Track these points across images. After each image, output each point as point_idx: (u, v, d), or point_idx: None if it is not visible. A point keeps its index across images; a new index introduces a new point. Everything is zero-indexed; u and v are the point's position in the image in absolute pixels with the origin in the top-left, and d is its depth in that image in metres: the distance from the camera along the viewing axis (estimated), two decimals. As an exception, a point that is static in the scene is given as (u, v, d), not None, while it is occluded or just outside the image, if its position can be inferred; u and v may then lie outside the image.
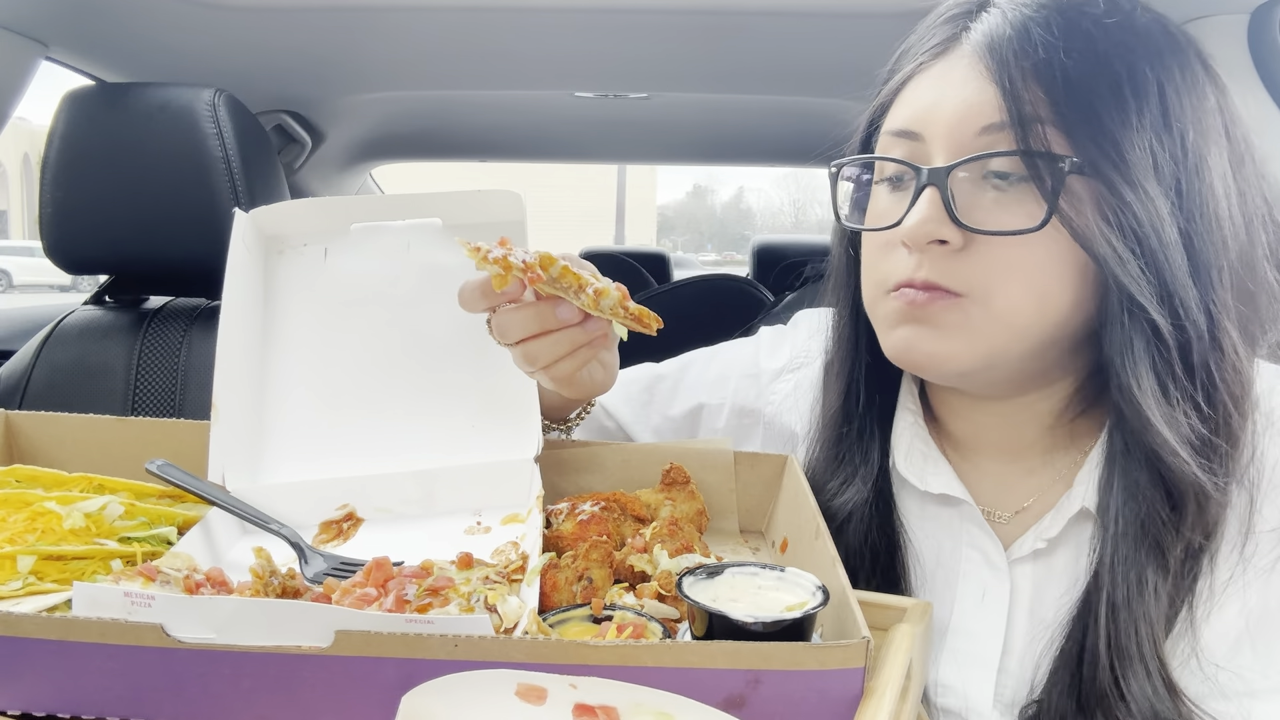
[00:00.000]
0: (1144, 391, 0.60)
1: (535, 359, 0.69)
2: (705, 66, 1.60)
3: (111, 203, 1.25)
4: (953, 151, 0.63)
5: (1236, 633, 0.62)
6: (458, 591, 0.55)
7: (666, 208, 48.07)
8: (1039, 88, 0.60)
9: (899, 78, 0.70)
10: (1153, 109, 0.60)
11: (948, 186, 0.62)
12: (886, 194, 0.69)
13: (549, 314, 0.67)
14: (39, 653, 0.47)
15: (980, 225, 0.62)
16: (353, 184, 2.55)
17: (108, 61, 1.51)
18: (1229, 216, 0.62)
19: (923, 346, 0.65)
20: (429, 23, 1.40)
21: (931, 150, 0.65)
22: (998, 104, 0.61)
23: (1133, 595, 0.61)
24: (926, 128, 0.65)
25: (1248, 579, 0.62)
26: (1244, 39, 1.22)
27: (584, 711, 0.43)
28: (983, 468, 0.75)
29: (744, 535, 0.77)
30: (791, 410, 0.86)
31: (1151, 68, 0.61)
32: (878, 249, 0.69)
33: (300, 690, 0.46)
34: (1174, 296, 0.59)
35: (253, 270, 0.81)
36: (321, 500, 0.76)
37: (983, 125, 0.62)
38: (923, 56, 0.68)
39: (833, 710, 0.46)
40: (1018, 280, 0.62)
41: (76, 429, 0.78)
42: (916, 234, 0.63)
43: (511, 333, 0.68)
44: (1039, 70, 0.61)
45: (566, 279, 0.64)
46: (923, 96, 0.67)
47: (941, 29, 0.68)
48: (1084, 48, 0.61)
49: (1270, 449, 0.63)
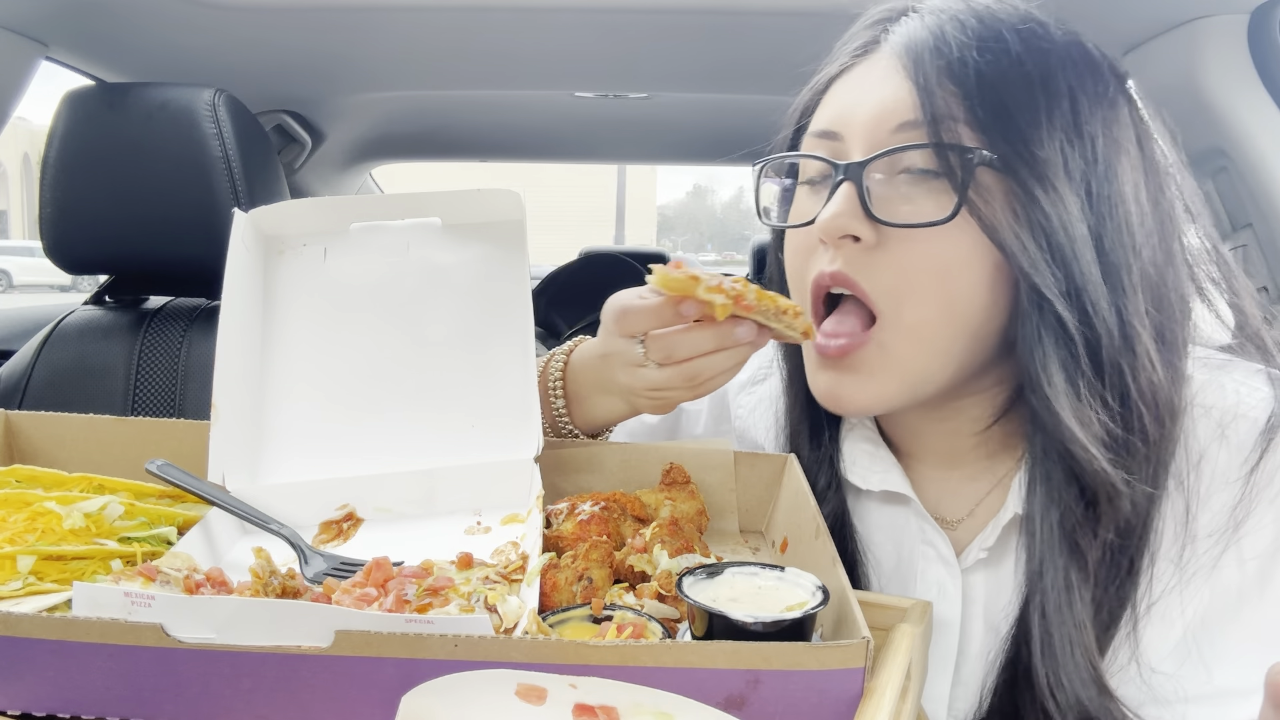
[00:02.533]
0: (1054, 388, 0.61)
1: (697, 377, 0.69)
2: (705, 66, 1.60)
3: (111, 203, 1.25)
4: (869, 148, 0.64)
5: (1176, 639, 0.62)
6: (458, 591, 0.55)
7: (666, 208, 48.06)
8: (953, 86, 0.62)
9: (821, 79, 0.72)
10: (1064, 112, 0.62)
11: (863, 182, 0.63)
12: (807, 194, 0.70)
13: (728, 333, 0.66)
14: (39, 653, 0.47)
15: (893, 219, 0.63)
16: (353, 184, 2.55)
17: (108, 61, 1.51)
18: (1140, 223, 0.63)
19: (845, 393, 0.67)
20: (429, 22, 1.40)
21: (850, 149, 0.66)
22: (913, 102, 0.62)
23: (1061, 599, 0.61)
24: (845, 127, 0.66)
25: (1187, 584, 0.62)
26: (1244, 39, 1.22)
27: (584, 711, 0.43)
28: (926, 474, 0.76)
29: (744, 535, 0.77)
30: (757, 425, 0.86)
31: (1064, 74, 0.62)
32: (799, 252, 0.70)
33: (300, 690, 0.46)
34: (1082, 294, 0.60)
35: (252, 270, 0.81)
36: (321, 500, 0.76)
37: (898, 123, 0.63)
38: (845, 59, 0.70)
39: (833, 710, 0.46)
40: (928, 279, 0.63)
41: (76, 429, 0.78)
42: (830, 227, 0.63)
43: (682, 352, 0.68)
44: (953, 69, 0.62)
45: (765, 302, 0.64)
46: (843, 97, 0.68)
47: (864, 33, 0.70)
48: (998, 49, 0.62)
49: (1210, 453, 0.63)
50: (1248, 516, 0.61)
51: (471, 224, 0.83)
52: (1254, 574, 0.61)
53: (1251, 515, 0.61)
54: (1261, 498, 0.61)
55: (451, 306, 0.82)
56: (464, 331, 0.81)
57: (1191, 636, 0.61)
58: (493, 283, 0.82)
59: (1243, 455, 0.62)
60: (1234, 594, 0.61)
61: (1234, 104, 1.22)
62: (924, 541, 0.73)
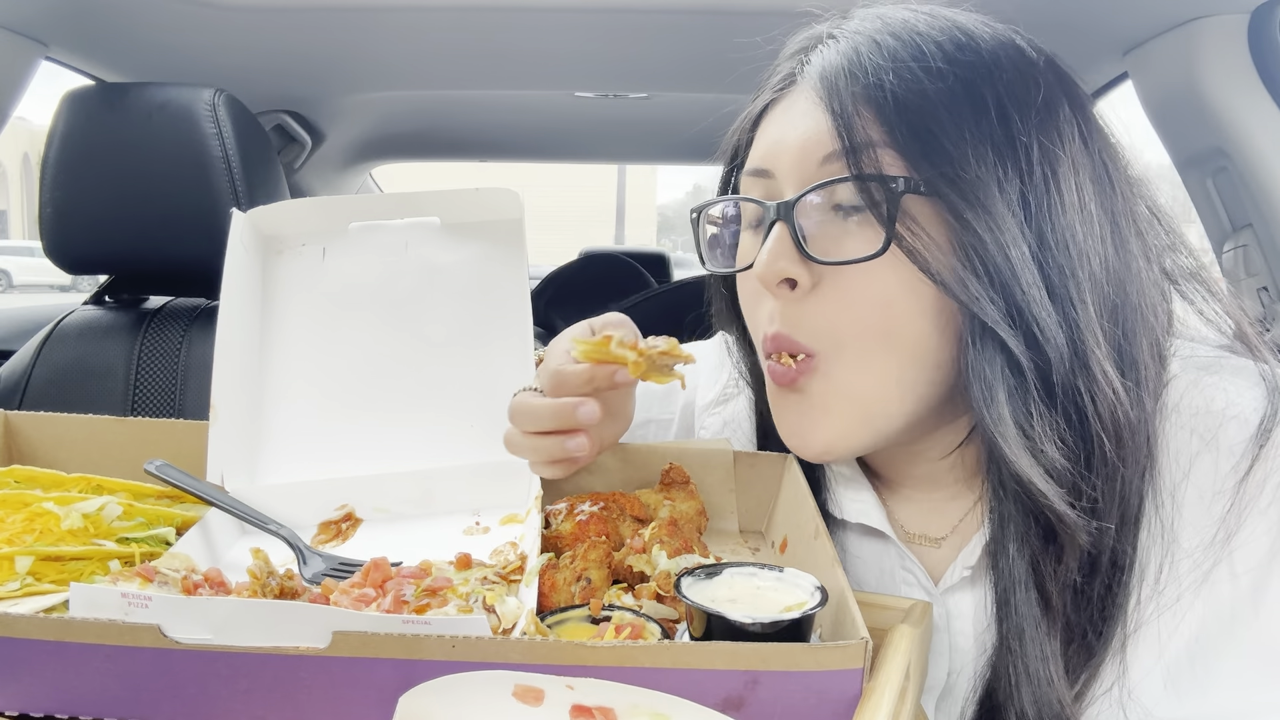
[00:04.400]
0: (1003, 421, 0.58)
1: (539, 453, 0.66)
2: (705, 66, 1.60)
3: (111, 203, 1.25)
4: (799, 185, 0.62)
5: (1170, 659, 0.59)
6: (456, 592, 0.55)
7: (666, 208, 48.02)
8: (869, 111, 0.59)
9: (750, 115, 0.70)
10: (992, 124, 0.58)
11: (794, 221, 0.61)
12: (750, 238, 0.68)
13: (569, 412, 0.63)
14: (36, 653, 0.47)
15: (825, 256, 0.60)
16: (353, 184, 2.55)
17: (108, 61, 1.51)
18: (1088, 231, 0.59)
19: (805, 433, 0.65)
20: (429, 23, 1.40)
21: (783, 186, 0.64)
22: (833, 132, 0.60)
23: (1027, 631, 0.59)
24: (775, 164, 0.65)
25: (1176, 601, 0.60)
26: (1244, 39, 1.22)
27: (581, 712, 0.43)
28: (908, 495, 0.74)
29: (743, 535, 0.77)
30: None
31: (991, 83, 0.59)
32: (750, 297, 0.68)
33: (298, 691, 0.46)
34: (1027, 318, 0.57)
35: (251, 270, 0.81)
36: (320, 500, 0.76)
37: (822, 155, 0.61)
38: (770, 94, 0.68)
39: (832, 711, 0.46)
40: (868, 314, 0.60)
41: (76, 429, 0.78)
42: (767, 274, 0.61)
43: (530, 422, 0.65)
44: (869, 94, 0.59)
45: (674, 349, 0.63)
46: (771, 133, 0.66)
47: (786, 64, 0.68)
48: (916, 67, 0.59)
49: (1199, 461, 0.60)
50: (1239, 528, 0.59)
51: (470, 223, 0.83)
52: (1247, 588, 0.58)
53: (1243, 526, 0.59)
54: (1253, 508, 0.58)
55: (450, 306, 0.82)
56: (463, 331, 0.81)
57: (1185, 656, 0.59)
58: (492, 282, 0.82)
59: (1232, 462, 0.59)
60: (1227, 610, 0.59)
61: (1234, 104, 1.22)
62: (904, 568, 0.71)
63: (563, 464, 0.65)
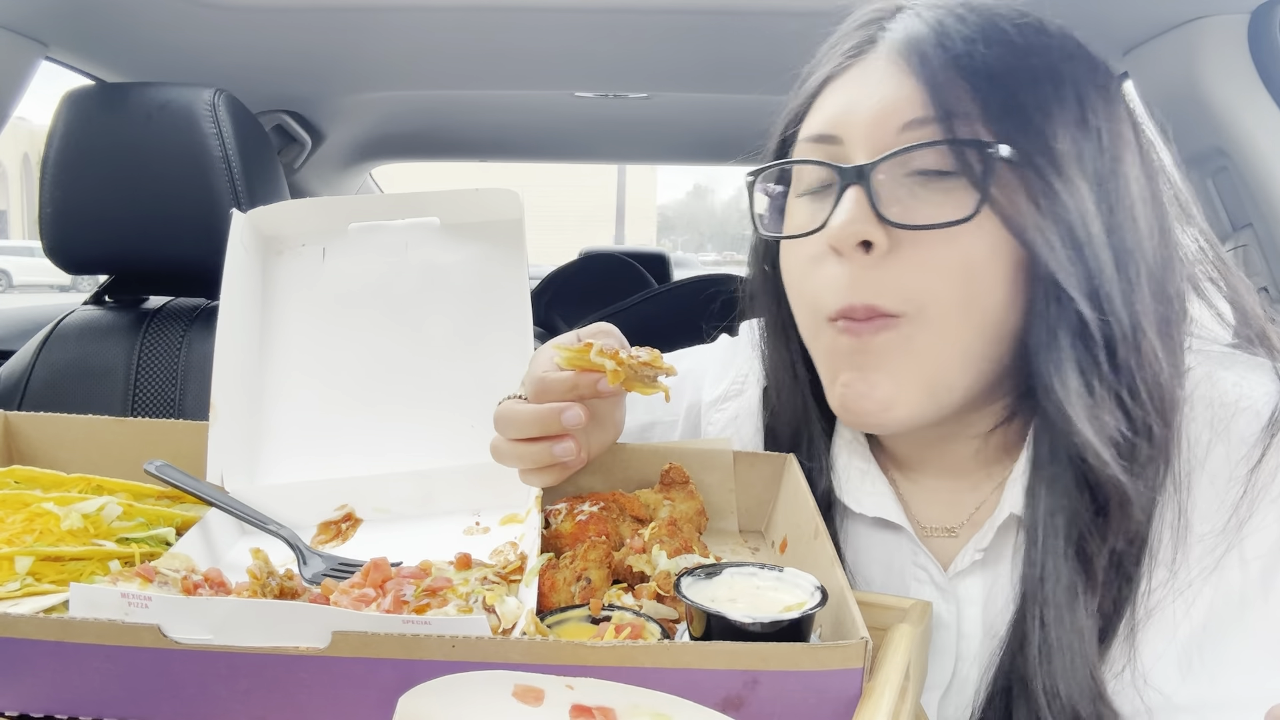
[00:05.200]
0: (1068, 389, 0.59)
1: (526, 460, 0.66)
2: (705, 66, 1.60)
3: (111, 203, 1.25)
4: (874, 150, 0.62)
5: (1180, 645, 0.60)
6: (456, 592, 0.55)
7: (666, 208, 48.04)
8: (961, 81, 0.60)
9: (813, 83, 0.69)
10: (1071, 105, 0.60)
11: (871, 185, 0.60)
12: (807, 205, 0.67)
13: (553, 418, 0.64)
14: (36, 653, 0.47)
15: (907, 221, 0.60)
16: (353, 184, 2.55)
17: (108, 61, 1.51)
18: (1144, 218, 0.62)
19: (868, 394, 0.63)
20: (429, 23, 1.40)
21: (851, 152, 0.63)
22: (919, 99, 0.60)
23: (1063, 608, 0.59)
24: (845, 130, 0.64)
25: (1186, 587, 0.60)
26: (1244, 39, 1.22)
27: (581, 712, 0.43)
28: (926, 485, 0.74)
29: (743, 535, 0.77)
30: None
31: (1067, 67, 0.61)
32: (803, 264, 0.66)
33: (297, 691, 0.46)
34: (1100, 290, 0.59)
35: (251, 271, 0.81)
36: (320, 501, 0.76)
37: (904, 122, 0.61)
38: (838, 60, 0.67)
39: (831, 711, 0.46)
40: (950, 280, 0.60)
41: (76, 429, 0.78)
42: (843, 235, 0.60)
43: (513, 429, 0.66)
44: (960, 63, 0.60)
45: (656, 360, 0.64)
46: (839, 99, 0.65)
47: (856, 34, 0.67)
48: (1002, 41, 0.61)
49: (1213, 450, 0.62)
50: (1250, 515, 0.60)
51: (470, 223, 0.83)
52: (1257, 575, 0.59)
53: (1254, 514, 0.60)
54: (1265, 496, 0.59)
55: (450, 306, 0.82)
56: (463, 331, 0.81)
57: (1195, 642, 0.60)
58: (492, 282, 0.82)
59: (1243, 451, 0.61)
60: (1236, 597, 0.60)
61: (1234, 104, 1.22)
62: (915, 564, 0.71)
63: (552, 470, 0.65)
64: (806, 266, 0.66)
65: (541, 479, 0.66)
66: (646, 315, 2.04)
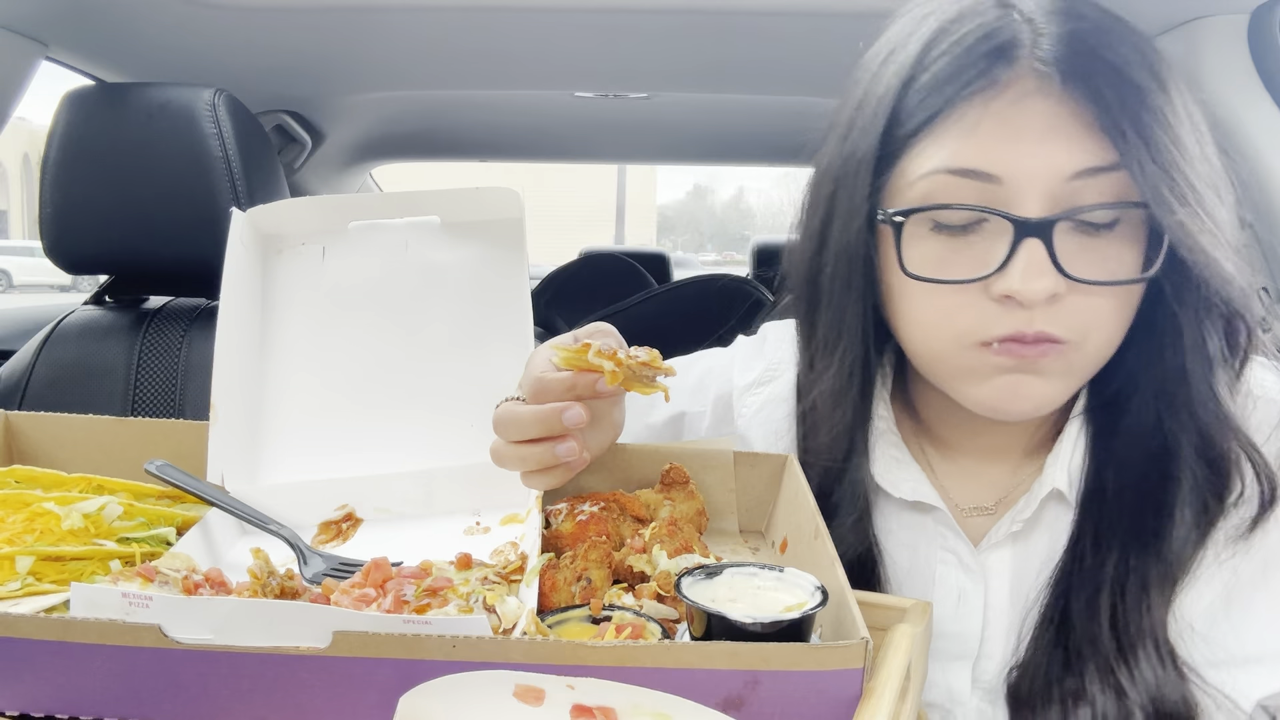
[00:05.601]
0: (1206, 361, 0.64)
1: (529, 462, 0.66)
2: (705, 66, 1.60)
3: (111, 203, 1.25)
4: (1047, 198, 0.60)
5: (1209, 603, 0.65)
6: (456, 592, 0.55)
7: (666, 208, 48.03)
8: (1129, 124, 0.58)
9: (932, 104, 0.62)
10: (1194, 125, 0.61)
11: (1052, 239, 0.59)
12: (949, 241, 0.64)
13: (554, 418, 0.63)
14: (37, 653, 0.47)
15: (1086, 275, 0.60)
16: (353, 184, 2.55)
17: (108, 61, 1.51)
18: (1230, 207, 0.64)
19: (1026, 393, 0.64)
20: (429, 23, 1.40)
21: (1015, 196, 0.60)
22: (1091, 145, 0.59)
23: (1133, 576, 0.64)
24: (1007, 170, 0.60)
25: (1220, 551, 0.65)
26: (1244, 39, 1.22)
27: (582, 712, 0.43)
28: (965, 467, 0.76)
29: (744, 535, 0.77)
30: (760, 426, 0.85)
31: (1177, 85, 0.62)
32: (949, 296, 0.64)
33: (298, 691, 0.46)
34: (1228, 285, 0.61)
35: (251, 270, 0.81)
36: (320, 500, 0.76)
37: (1078, 170, 0.59)
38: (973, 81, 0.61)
39: (832, 711, 0.46)
40: (1113, 318, 0.63)
41: (76, 429, 0.78)
42: (1032, 294, 0.59)
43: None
44: (1127, 101, 0.58)
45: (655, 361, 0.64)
46: (993, 131, 0.60)
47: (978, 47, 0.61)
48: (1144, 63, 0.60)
49: None
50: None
51: (470, 223, 0.83)
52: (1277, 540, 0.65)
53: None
54: None
55: (450, 306, 0.82)
56: (463, 331, 0.81)
57: (1222, 601, 0.65)
58: (492, 282, 0.82)
59: (1261, 439, 0.66)
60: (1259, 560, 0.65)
61: (1234, 104, 1.22)
62: (943, 547, 0.73)
63: (555, 471, 0.65)
64: (952, 301, 0.64)
65: (544, 481, 0.66)
66: (646, 315, 2.05)
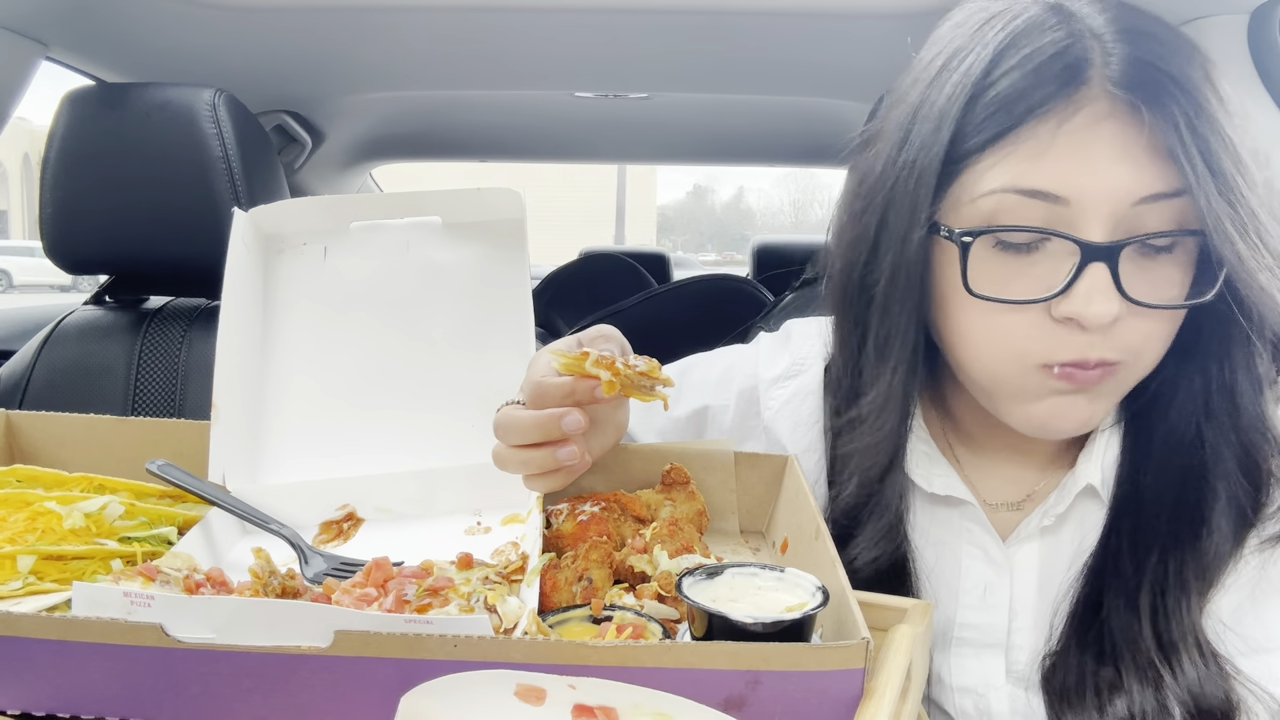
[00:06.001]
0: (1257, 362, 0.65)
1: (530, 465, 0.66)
2: (705, 66, 1.60)
3: (111, 203, 1.25)
4: (1110, 220, 0.60)
5: (1238, 603, 0.67)
6: (457, 592, 0.55)
7: (666, 208, 48.05)
8: (1198, 151, 0.57)
9: (1000, 121, 0.61)
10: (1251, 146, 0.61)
11: (1118, 264, 0.59)
12: (1011, 260, 0.63)
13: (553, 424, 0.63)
14: (38, 652, 0.47)
15: (1146, 299, 0.60)
16: (353, 184, 2.55)
17: (108, 61, 1.51)
18: None
19: (1073, 414, 0.65)
20: (429, 23, 1.40)
21: (1081, 218, 0.60)
22: (1158, 171, 0.59)
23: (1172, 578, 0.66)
24: (1078, 193, 0.59)
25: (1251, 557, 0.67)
26: (1244, 39, 1.22)
27: (583, 712, 0.43)
28: (994, 462, 0.77)
29: (744, 535, 0.77)
30: (786, 419, 0.85)
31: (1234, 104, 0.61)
32: (1010, 315, 0.64)
33: (299, 690, 0.46)
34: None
35: (252, 270, 0.81)
36: (322, 500, 0.76)
37: (1144, 195, 0.59)
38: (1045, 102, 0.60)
39: (832, 711, 0.46)
40: (1163, 338, 0.64)
41: (77, 429, 0.78)
42: (1099, 318, 0.60)
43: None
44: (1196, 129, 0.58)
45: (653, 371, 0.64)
46: (1068, 154, 0.60)
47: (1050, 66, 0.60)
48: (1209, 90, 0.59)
49: None
50: None
51: (471, 223, 0.83)
52: None
53: None
54: None
55: (452, 306, 0.82)
56: (464, 331, 0.81)
57: (1253, 596, 0.67)
58: (493, 282, 0.82)
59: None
60: None
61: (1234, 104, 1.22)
62: (970, 542, 0.75)
63: (557, 475, 0.65)
64: (1012, 320, 0.64)
65: (546, 484, 0.66)
66: (646, 315, 2.05)
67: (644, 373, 0.63)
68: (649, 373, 0.63)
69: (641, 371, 0.63)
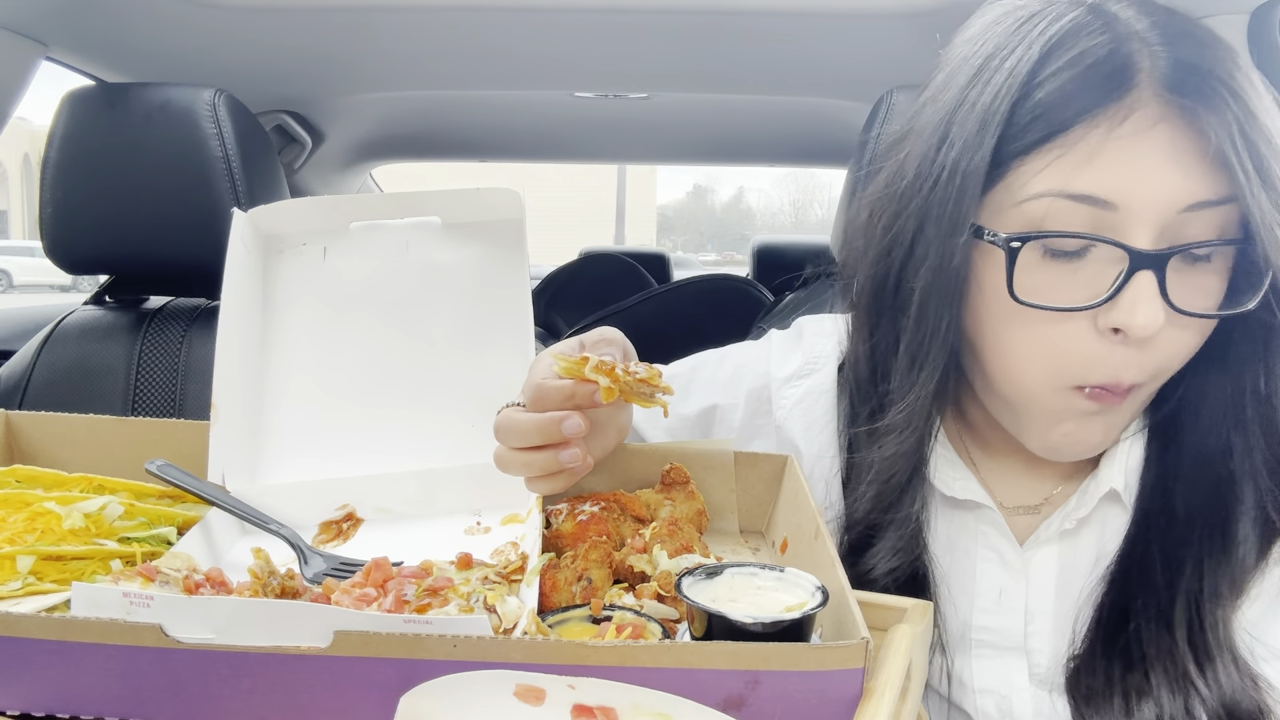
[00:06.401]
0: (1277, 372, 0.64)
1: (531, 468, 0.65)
2: (705, 66, 1.60)
3: (111, 203, 1.25)
4: (1157, 227, 0.58)
5: (1261, 609, 0.66)
6: (457, 592, 0.55)
7: (666, 208, 48.04)
8: (1249, 158, 0.56)
9: (1048, 123, 0.59)
10: None
11: (1165, 272, 0.58)
12: (1056, 266, 0.61)
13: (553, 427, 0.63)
14: (38, 653, 0.47)
15: (1189, 308, 0.59)
16: (353, 184, 2.55)
17: (108, 61, 1.51)
18: None
19: (1089, 440, 0.66)
20: (429, 23, 1.40)
21: (1129, 224, 0.58)
22: (1207, 179, 0.58)
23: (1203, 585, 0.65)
24: (1127, 199, 0.58)
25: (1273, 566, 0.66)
26: (1244, 39, 1.22)
27: (582, 712, 0.43)
28: (1011, 467, 0.76)
29: (744, 535, 0.77)
30: (799, 419, 0.84)
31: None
32: (1052, 325, 0.62)
33: (299, 690, 0.46)
34: None
35: (252, 270, 0.81)
36: (321, 500, 0.76)
37: (1191, 203, 0.58)
38: (1095, 105, 0.58)
39: (832, 711, 0.46)
40: (1190, 350, 0.63)
41: (76, 429, 0.78)
42: (1145, 328, 0.58)
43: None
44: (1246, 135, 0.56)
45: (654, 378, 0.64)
46: (1119, 160, 0.58)
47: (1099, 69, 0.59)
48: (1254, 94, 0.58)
49: None
50: None
51: (471, 223, 0.83)
52: None
53: None
54: None
55: (451, 306, 0.82)
56: (464, 331, 0.81)
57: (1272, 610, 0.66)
58: (493, 282, 0.82)
59: None
60: None
61: (1234, 104, 1.22)
62: (985, 545, 0.74)
63: (559, 477, 0.65)
64: (1055, 331, 0.62)
65: (548, 485, 0.66)
66: (646, 315, 2.05)
67: (644, 379, 0.63)
68: (649, 379, 0.63)
69: (641, 378, 0.63)
